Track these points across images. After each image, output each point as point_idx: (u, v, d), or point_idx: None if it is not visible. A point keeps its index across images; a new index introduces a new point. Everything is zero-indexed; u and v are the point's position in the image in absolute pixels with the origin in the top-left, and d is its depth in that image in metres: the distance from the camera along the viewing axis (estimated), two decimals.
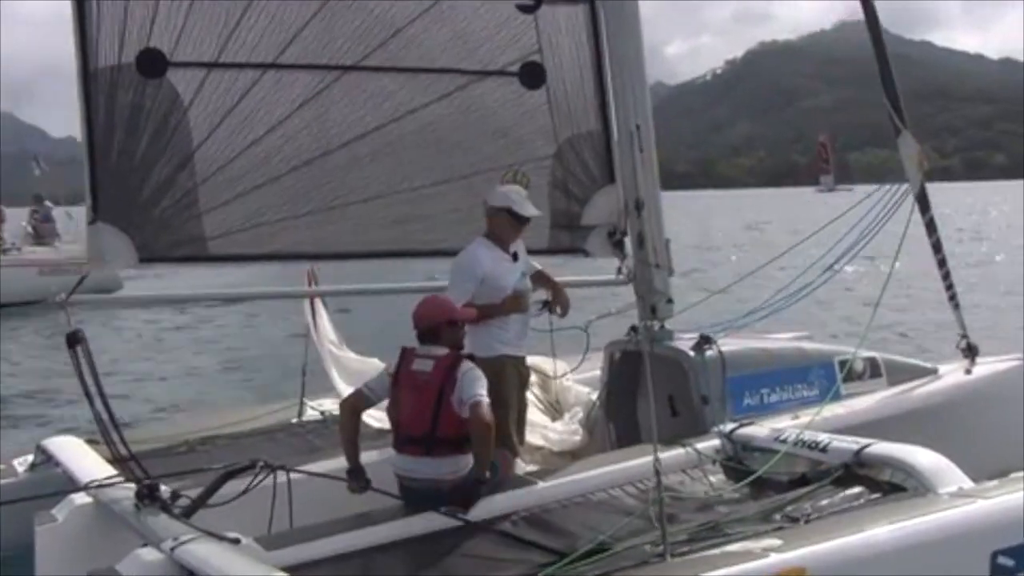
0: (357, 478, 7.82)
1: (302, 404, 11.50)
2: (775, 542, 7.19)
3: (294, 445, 10.34)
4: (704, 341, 9.84)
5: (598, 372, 10.79)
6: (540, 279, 9.61)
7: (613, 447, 10.07)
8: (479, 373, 7.83)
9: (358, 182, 9.71)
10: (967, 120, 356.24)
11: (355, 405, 7.97)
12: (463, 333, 8.34)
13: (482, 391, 7.66)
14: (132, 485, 7.89)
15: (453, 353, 7.92)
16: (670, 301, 10.29)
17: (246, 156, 9.39)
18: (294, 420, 11.32)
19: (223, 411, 12.06)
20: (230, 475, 7.76)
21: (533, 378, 10.30)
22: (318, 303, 11.57)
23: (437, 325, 7.94)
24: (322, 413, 11.45)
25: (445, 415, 7.70)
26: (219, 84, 9.20)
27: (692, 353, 9.79)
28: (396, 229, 9.82)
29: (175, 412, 17.47)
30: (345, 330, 11.90)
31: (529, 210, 9.08)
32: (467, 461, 7.82)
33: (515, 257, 9.14)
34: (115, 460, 8.39)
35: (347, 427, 7.92)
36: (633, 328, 10.33)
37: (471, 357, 8.09)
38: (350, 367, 11.21)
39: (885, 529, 7.25)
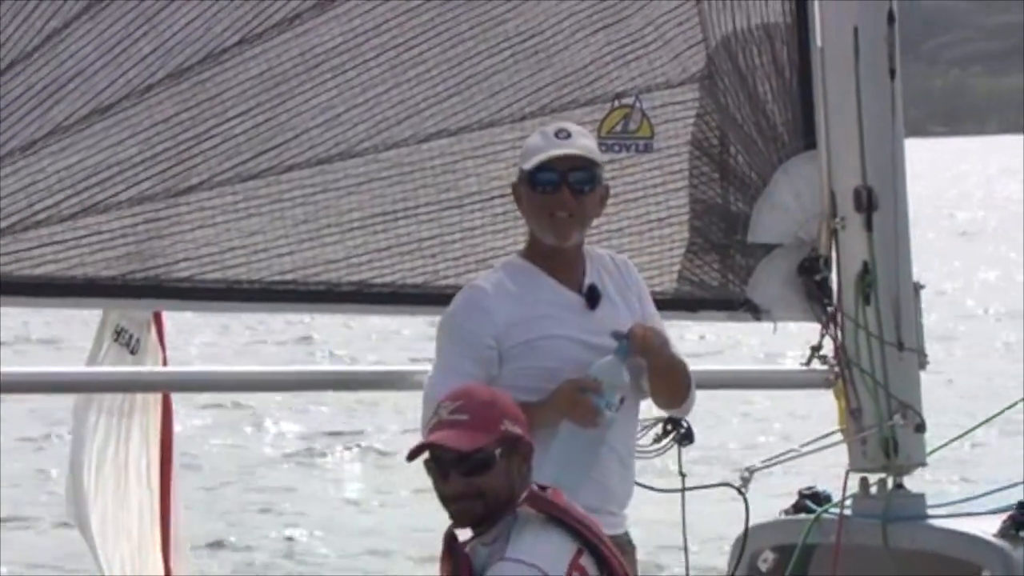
0: None
1: None
2: None
3: None
4: None
5: None
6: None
7: None
8: None
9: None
10: None
11: None
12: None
13: None
14: None
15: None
16: (921, 427, 5.53)
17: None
18: None
19: None
20: None
21: None
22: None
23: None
24: None
25: None
26: None
27: (1003, 545, 5.20)
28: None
29: None
30: None
31: (551, 150, 4.64)
32: None
33: (592, 295, 4.79)
34: None
35: None
36: (806, 497, 5.64)
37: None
38: None
39: None
